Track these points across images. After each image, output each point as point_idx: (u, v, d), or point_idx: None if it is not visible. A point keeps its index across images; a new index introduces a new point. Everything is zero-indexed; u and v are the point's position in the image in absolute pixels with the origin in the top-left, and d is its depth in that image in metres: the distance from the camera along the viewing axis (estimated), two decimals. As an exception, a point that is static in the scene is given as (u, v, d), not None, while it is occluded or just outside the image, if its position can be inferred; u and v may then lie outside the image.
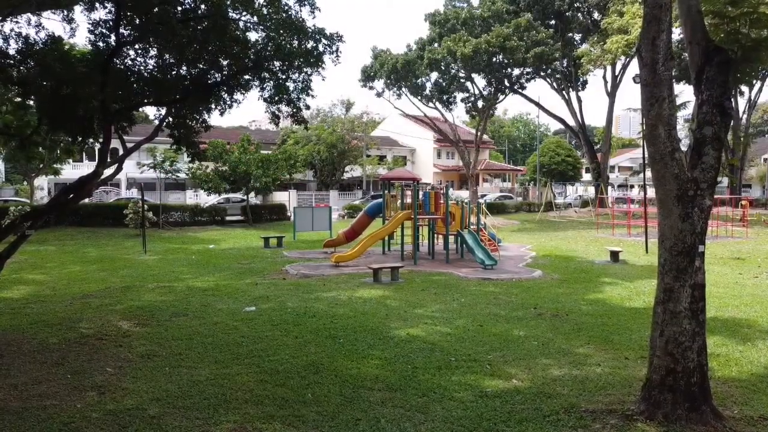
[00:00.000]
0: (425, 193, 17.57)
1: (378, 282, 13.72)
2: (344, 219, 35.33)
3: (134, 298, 12.18)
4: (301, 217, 25.04)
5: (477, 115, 41.01)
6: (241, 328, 9.56)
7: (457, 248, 18.99)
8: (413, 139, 62.02)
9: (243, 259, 18.72)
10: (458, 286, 13.33)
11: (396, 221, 17.41)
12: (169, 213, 30.04)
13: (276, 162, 30.83)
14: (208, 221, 30.98)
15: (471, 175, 38.03)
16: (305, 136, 50.77)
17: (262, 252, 20.82)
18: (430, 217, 17.67)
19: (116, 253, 20.59)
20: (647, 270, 16.01)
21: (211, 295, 12.40)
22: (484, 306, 11.18)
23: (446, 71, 34.56)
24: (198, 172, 29.85)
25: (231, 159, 29.38)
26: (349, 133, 50.15)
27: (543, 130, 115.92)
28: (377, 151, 55.12)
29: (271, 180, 29.53)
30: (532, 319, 10.17)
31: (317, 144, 49.16)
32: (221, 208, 31.78)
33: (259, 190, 30.09)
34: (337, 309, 10.91)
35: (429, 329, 9.40)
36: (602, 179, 41.87)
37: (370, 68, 36.38)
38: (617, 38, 30.88)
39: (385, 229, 17.80)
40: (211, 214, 31.09)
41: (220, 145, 30.44)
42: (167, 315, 10.52)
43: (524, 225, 33.47)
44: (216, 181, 29.53)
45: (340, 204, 48.22)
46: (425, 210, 17.32)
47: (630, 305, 11.42)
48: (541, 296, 12.19)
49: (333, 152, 49.42)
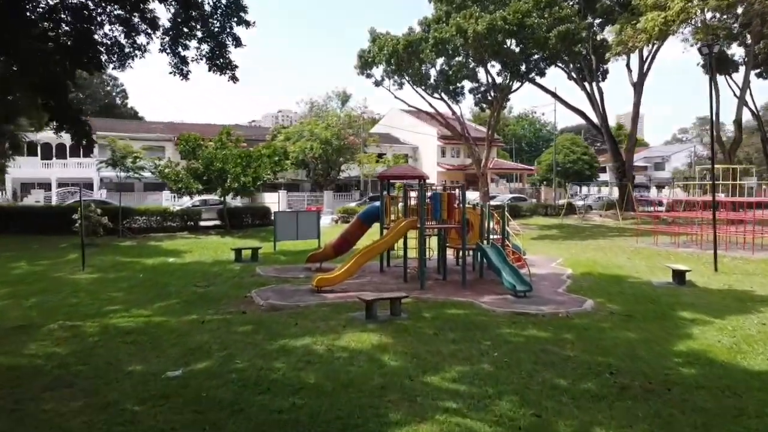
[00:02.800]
0: (435, 194, 13.90)
1: (372, 319, 10.08)
2: (338, 224, 31.68)
3: (12, 349, 8.54)
4: (283, 223, 21.42)
5: (489, 107, 37.36)
6: (144, 417, 5.94)
7: (474, 265, 15.33)
8: (415, 135, 58.39)
9: (202, 279, 15.10)
10: (485, 327, 9.67)
11: (397, 231, 13.76)
12: (132, 218, 26.41)
13: (258, 159, 27.19)
14: (179, 227, 27.35)
15: (482, 175, 34.39)
16: (297, 132, 47.17)
17: (231, 268, 17.18)
18: (442, 227, 14.02)
19: (50, 269, 16.95)
20: (730, 298, 12.37)
21: (131, 343, 8.78)
22: (531, 367, 7.54)
23: (455, 53, 30.83)
24: (166, 170, 26.23)
25: (204, 154, 25.75)
26: (345, 129, 46.53)
27: (549, 129, 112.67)
28: (376, 149, 51.48)
29: (252, 180, 25.86)
30: (615, 396, 6.53)
31: (310, 140, 45.53)
32: (194, 212, 28.14)
33: (238, 191, 26.41)
34: (306, 374, 7.27)
35: (452, 425, 5.75)
36: (627, 179, 38.23)
37: (367, 53, 32.69)
38: (653, 15, 27.28)
39: (384, 241, 14.15)
40: (183, 218, 27.46)
41: (193, 138, 26.82)
42: (40, 385, 6.91)
43: (544, 231, 29.81)
44: (187, 180, 25.91)
45: (336, 206, 44.61)
46: (435, 216, 13.67)
47: (748, 364, 7.78)
48: (610, 346, 8.54)
49: (327, 149, 45.79)
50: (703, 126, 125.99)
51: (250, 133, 50.94)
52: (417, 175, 16.60)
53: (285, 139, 46.78)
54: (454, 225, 13.81)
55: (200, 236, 26.09)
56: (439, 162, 58.71)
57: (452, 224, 13.81)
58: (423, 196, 13.40)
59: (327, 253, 16.75)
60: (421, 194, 13.40)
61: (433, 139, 58.13)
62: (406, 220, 13.83)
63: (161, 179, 26.96)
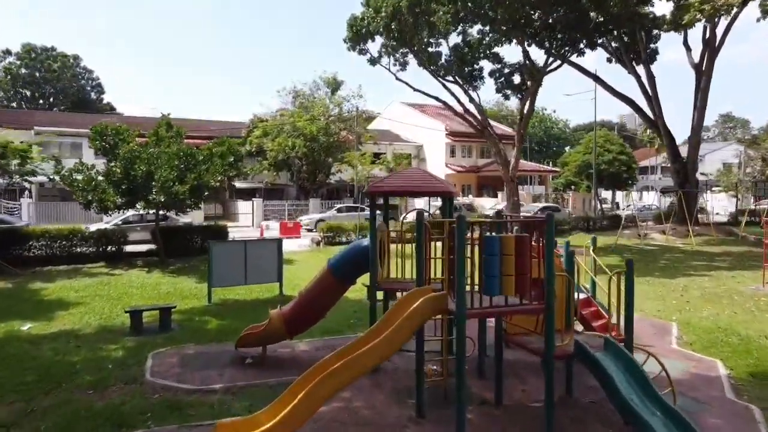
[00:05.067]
0: (490, 239, 6.39)
1: None
2: (320, 248, 24.35)
3: None
4: (223, 259, 14.19)
5: (516, 94, 30.10)
6: None
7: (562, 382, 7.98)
8: (420, 131, 51.12)
9: (21, 394, 7.87)
10: None
11: (408, 320, 6.34)
12: (27, 243, 19.13)
13: (206, 160, 19.91)
14: (95, 255, 20.02)
15: (511, 180, 27.07)
16: (277, 126, 39.89)
17: (106, 354, 10.00)
18: (504, 311, 6.55)
19: None
20: None
21: None
22: None
23: (478, 17, 23.51)
24: (74, 176, 18.92)
25: (123, 153, 18.43)
26: (335, 122, 39.30)
27: (561, 126, 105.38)
28: (374, 147, 44.17)
29: (189, 189, 18.49)
30: None
31: (292, 136, 38.28)
32: (116, 234, 20.78)
33: (167, 205, 19.06)
34: None
35: None
36: (690, 184, 30.95)
37: (360, 20, 25.50)
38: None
39: (380, 343, 6.53)
40: (100, 242, 20.13)
41: (114, 131, 19.52)
42: None
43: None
44: (102, 188, 18.61)
45: (323, 217, 37.30)
46: (489, 288, 6.26)
47: None
48: None
49: (314, 147, 38.54)
50: (726, 124, 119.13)
51: (221, 130, 43.74)
52: (437, 190, 9.20)
53: (262, 134, 39.53)
54: (529, 305, 6.44)
55: (119, 270, 18.76)
56: (448, 163, 51.48)
57: (527, 304, 6.44)
58: (461, 237, 6.11)
59: (273, 328, 9.47)
60: (459, 235, 6.10)
61: (441, 135, 50.89)
62: (425, 296, 6.47)
63: (68, 187, 19.64)
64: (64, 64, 74.82)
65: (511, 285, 6.24)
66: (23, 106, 70.72)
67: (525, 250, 6.29)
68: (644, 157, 77.00)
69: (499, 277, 6.21)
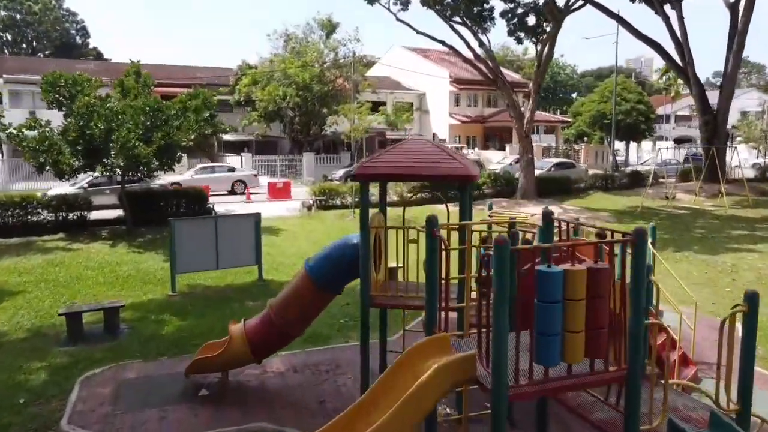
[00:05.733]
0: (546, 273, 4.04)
1: None
2: (310, 212, 21.99)
3: None
4: (188, 240, 11.87)
5: (532, 38, 27.13)
6: None
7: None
8: (423, 79, 47.92)
9: None
10: None
11: (424, 397, 4.06)
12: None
13: (179, 115, 17.33)
14: (55, 224, 17.74)
15: (525, 136, 24.44)
16: (267, 73, 36.86)
17: (29, 373, 7.91)
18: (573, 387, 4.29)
19: None
20: None
21: None
22: None
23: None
24: (25, 133, 16.38)
25: (78, 108, 15.82)
26: (330, 69, 36.27)
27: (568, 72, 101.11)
28: (373, 96, 41.13)
29: (156, 150, 15.97)
30: None
31: (283, 85, 35.34)
32: (78, 200, 18.40)
33: (129, 168, 16.56)
34: None
35: None
36: (719, 137, 28.28)
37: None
38: None
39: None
40: (59, 209, 17.79)
41: (69, 81, 16.86)
42: None
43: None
44: (58, 149, 16.11)
45: (318, 174, 34.86)
46: (545, 345, 3.97)
47: None
48: None
49: (307, 96, 35.66)
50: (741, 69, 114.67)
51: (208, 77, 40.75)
52: (451, 172, 6.59)
53: (251, 82, 36.57)
54: (606, 374, 4.14)
55: (78, 243, 16.48)
56: (452, 112, 48.55)
57: (601, 371, 4.14)
58: (503, 277, 3.76)
59: (236, 351, 7.24)
60: (500, 273, 3.75)
61: (445, 83, 47.77)
62: (439, 360, 4.15)
63: (17, 147, 17.16)
64: (46, 5, 70.71)
65: (580, 347, 3.93)
66: (5, 51, 67.08)
67: (603, 291, 3.95)
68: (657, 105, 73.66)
69: (562, 336, 3.90)
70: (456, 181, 6.17)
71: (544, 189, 26.18)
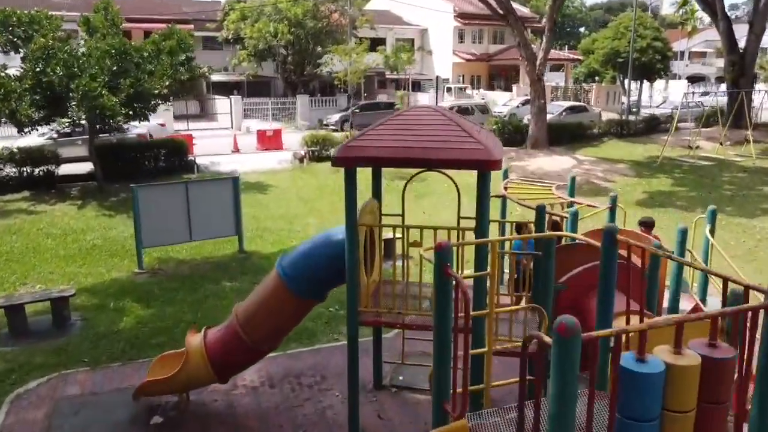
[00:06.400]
0: None
1: None
2: (303, 164, 20.31)
3: None
4: (154, 210, 10.37)
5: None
6: None
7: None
8: (424, 13, 45.01)
9: None
10: None
11: None
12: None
13: (150, 58, 15.43)
14: (18, 183, 16.16)
15: (537, 79, 22.40)
16: (257, 8, 34.26)
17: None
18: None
19: None
20: None
21: None
22: None
23: None
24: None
25: (33, 51, 13.94)
26: (324, 3, 33.66)
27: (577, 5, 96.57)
28: (372, 32, 38.51)
29: (124, 99, 14.20)
30: None
31: (274, 20, 32.86)
32: (46, 152, 16.73)
33: (93, 120, 14.81)
34: None
35: None
36: (746, 79, 26.23)
37: None
38: None
39: None
40: (23, 163, 16.17)
41: (25, 19, 14.89)
42: None
43: (646, 182, 18.47)
44: (17, 97, 14.31)
45: (314, 118, 32.90)
46: None
47: None
48: None
49: (300, 33, 33.23)
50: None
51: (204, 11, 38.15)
52: (463, 157, 4.89)
53: (240, 18, 34.05)
54: None
55: (44, 204, 14.97)
56: (455, 50, 45.92)
57: None
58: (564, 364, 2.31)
59: (194, 370, 5.86)
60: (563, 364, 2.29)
61: (449, 17, 44.91)
62: None
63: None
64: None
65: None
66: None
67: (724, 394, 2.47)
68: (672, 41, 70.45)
69: None
70: (473, 168, 4.61)
71: (555, 137, 24.39)
